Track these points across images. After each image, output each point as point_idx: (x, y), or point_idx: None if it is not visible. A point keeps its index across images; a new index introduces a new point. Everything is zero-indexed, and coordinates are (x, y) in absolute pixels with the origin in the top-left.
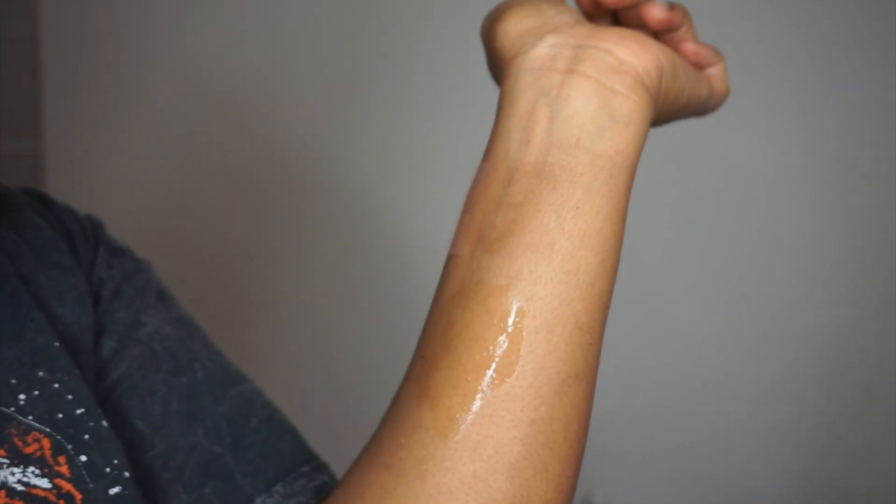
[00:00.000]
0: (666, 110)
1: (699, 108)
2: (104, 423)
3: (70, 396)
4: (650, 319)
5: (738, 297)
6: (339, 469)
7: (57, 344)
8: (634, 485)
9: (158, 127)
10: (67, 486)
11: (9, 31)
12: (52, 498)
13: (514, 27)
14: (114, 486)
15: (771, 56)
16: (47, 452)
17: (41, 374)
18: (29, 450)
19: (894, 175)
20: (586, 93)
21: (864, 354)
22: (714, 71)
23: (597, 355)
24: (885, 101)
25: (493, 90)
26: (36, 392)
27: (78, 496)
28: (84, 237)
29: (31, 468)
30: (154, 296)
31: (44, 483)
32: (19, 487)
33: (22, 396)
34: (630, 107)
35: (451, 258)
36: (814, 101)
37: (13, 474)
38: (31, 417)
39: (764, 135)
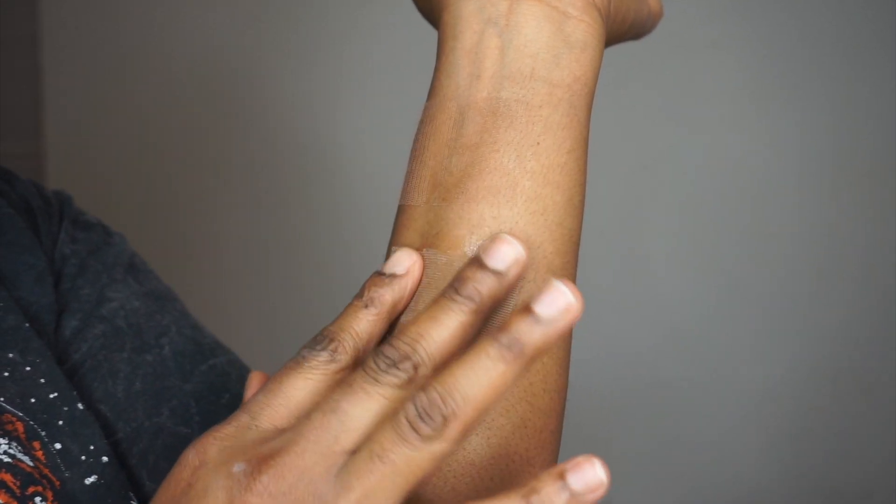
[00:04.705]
0: (613, 33)
1: (640, 29)
2: (80, 405)
3: (43, 380)
4: (650, 320)
5: (739, 298)
6: None
7: (27, 325)
8: (634, 485)
9: (158, 126)
10: (46, 471)
11: (9, 30)
12: (37, 476)
13: None
14: (90, 475)
15: (772, 56)
16: (21, 436)
17: (11, 355)
18: (8, 427)
19: (895, 176)
20: (538, 18)
21: (865, 354)
22: None
23: None
24: (886, 101)
25: None
26: (6, 374)
27: (56, 483)
28: (47, 213)
29: (14, 443)
30: (123, 269)
31: (27, 460)
32: (6, 459)
33: None
34: (584, 30)
35: (403, 210)
36: (815, 101)
37: None
38: (1, 399)
39: (766, 135)
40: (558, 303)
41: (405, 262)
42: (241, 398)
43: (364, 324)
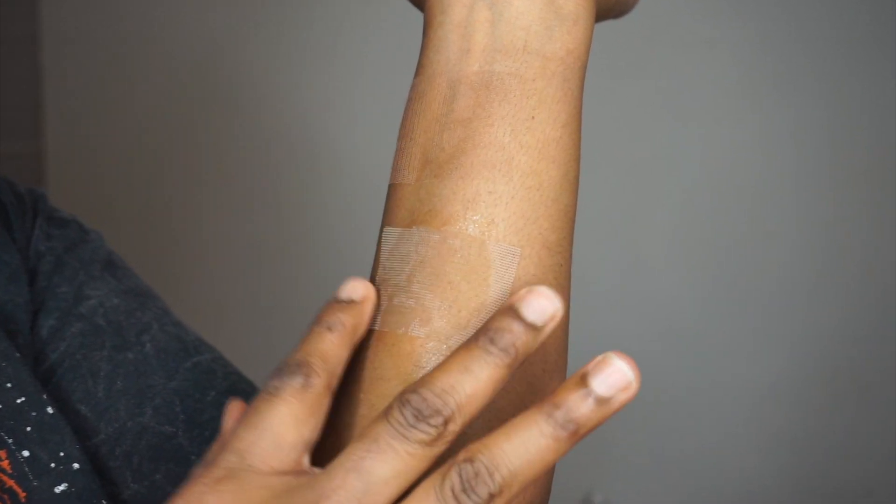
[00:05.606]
0: (600, 8)
1: (624, 6)
2: (49, 409)
3: (9, 384)
4: (649, 319)
5: (738, 298)
6: None
7: None
8: (634, 485)
9: (158, 126)
10: (10, 482)
11: (9, 30)
12: None
13: None
14: (60, 483)
15: (768, 54)
16: None
17: None
18: None
19: (894, 175)
20: None
21: (863, 353)
22: None
23: (568, 277)
24: (883, 99)
25: None
26: None
27: (21, 494)
28: (20, 210)
29: None
30: (101, 266)
31: None
32: None
33: None
34: (576, 2)
35: (394, 189)
36: (811, 99)
37: None
38: None
39: (763, 133)
40: (616, 380)
41: (361, 290)
42: (226, 396)
43: (329, 345)
